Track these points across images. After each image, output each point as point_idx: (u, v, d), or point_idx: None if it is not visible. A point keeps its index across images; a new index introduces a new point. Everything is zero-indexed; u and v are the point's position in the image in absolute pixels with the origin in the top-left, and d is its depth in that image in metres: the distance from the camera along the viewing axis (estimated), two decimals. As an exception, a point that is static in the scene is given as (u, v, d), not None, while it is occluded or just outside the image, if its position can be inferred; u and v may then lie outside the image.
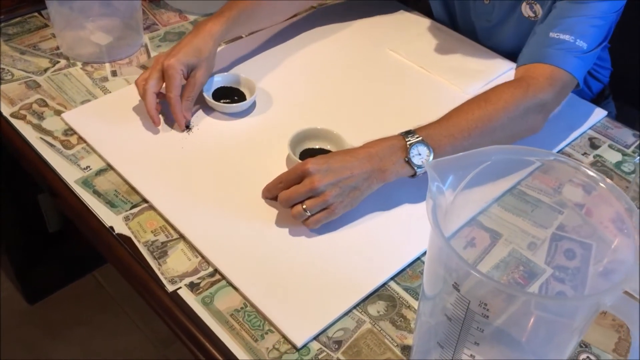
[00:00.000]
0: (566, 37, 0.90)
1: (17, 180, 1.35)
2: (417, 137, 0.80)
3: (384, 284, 0.77)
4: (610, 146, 0.98)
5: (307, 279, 0.76)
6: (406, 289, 0.77)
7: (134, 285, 0.79)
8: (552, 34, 0.91)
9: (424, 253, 0.81)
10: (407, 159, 0.80)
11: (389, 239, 0.82)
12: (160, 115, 0.95)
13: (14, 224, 1.43)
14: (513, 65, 1.10)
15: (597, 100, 1.18)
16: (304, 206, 0.78)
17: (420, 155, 0.80)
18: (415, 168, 0.80)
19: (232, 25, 0.99)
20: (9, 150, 0.97)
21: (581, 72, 0.91)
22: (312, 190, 0.77)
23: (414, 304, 0.75)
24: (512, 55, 1.12)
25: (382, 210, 0.85)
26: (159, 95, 0.93)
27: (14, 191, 1.37)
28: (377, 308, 0.75)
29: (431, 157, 0.80)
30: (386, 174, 0.80)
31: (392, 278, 0.78)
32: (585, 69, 0.93)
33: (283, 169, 0.89)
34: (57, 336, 1.52)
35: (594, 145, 0.98)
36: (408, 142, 0.80)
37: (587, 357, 0.72)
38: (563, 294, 0.79)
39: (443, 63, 1.10)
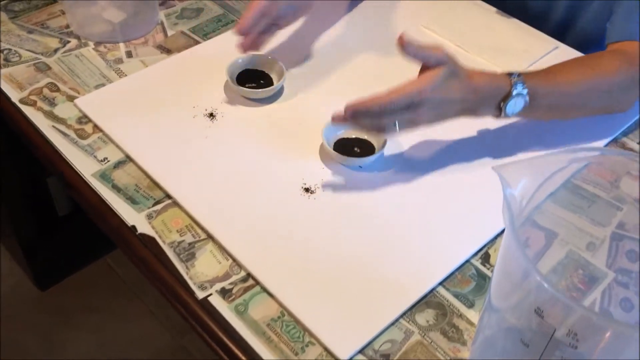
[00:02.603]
0: None
1: (26, 163, 1.28)
2: (524, 88, 0.78)
3: (432, 290, 0.71)
4: (666, 133, 0.91)
5: (349, 285, 0.70)
6: (456, 295, 0.70)
7: (160, 290, 0.74)
8: None
9: (474, 254, 0.74)
10: (502, 105, 0.78)
11: (435, 241, 0.75)
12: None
13: (23, 208, 1.37)
14: (559, 44, 1.02)
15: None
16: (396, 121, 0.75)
17: (516, 106, 0.79)
18: (504, 115, 0.79)
19: None
20: (19, 137, 0.90)
21: None
22: (412, 122, 0.76)
23: (466, 312, 0.69)
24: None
25: (427, 210, 0.78)
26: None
27: (22, 174, 1.31)
28: (426, 317, 0.69)
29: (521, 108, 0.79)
30: (477, 113, 0.80)
31: (440, 283, 0.71)
32: None
33: (317, 159, 0.82)
34: (70, 323, 1.47)
35: (649, 133, 0.91)
36: (513, 92, 0.78)
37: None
38: (628, 300, 0.73)
39: (481, 41, 1.02)
